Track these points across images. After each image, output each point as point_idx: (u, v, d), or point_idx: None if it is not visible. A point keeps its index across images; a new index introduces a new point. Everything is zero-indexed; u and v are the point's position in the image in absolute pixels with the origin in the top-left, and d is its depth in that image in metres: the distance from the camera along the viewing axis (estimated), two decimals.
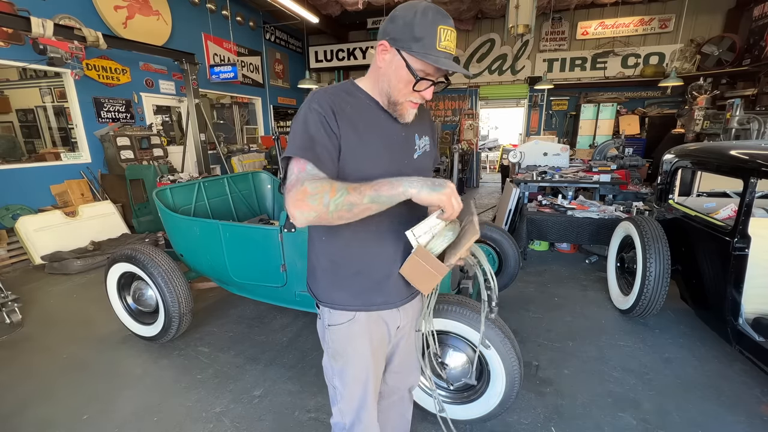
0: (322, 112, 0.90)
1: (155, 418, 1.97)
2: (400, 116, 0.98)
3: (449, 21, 0.89)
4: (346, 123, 0.93)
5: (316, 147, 0.89)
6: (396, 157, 1.02)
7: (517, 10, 5.17)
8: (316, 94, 0.96)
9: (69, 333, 2.81)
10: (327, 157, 0.90)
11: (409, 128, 1.04)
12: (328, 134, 0.90)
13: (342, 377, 1.11)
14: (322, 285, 1.08)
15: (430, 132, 1.15)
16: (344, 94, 0.97)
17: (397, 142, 1.02)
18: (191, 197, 2.95)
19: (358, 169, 0.95)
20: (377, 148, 0.98)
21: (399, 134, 1.02)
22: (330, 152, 0.91)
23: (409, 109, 0.98)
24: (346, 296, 1.05)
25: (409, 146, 1.05)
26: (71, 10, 4.87)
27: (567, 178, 4.46)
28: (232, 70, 7.09)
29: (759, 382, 2.13)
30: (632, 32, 8.60)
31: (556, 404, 2.00)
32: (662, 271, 2.49)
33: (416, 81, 0.91)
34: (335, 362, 1.11)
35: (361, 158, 0.95)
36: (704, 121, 6.35)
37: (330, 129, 0.90)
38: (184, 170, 6.17)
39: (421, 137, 1.09)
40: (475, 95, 10.10)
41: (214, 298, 3.30)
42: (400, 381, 1.31)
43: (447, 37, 0.88)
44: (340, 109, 0.93)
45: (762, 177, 1.92)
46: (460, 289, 2.25)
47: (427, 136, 1.12)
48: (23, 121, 7.71)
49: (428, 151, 1.12)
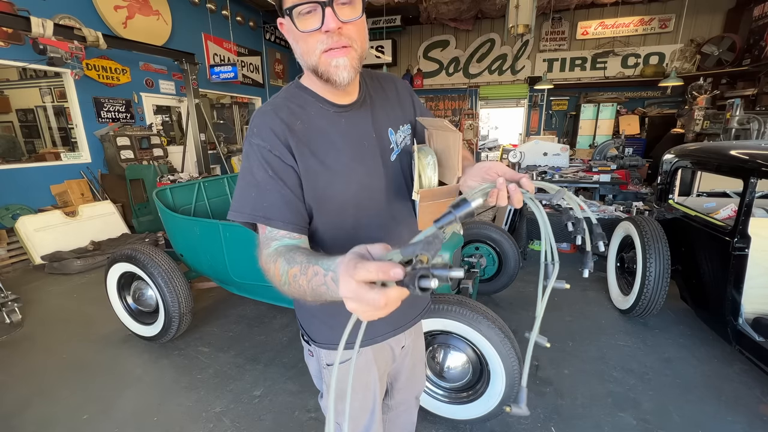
0: (266, 145, 0.75)
1: (155, 418, 1.97)
2: (334, 82, 0.74)
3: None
4: (301, 146, 0.77)
5: (266, 198, 0.74)
6: (370, 166, 0.85)
7: (517, 10, 5.17)
8: (255, 119, 0.79)
9: (69, 333, 2.81)
10: (282, 202, 0.75)
11: (378, 123, 0.86)
12: (279, 172, 0.75)
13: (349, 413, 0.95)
14: (317, 323, 0.92)
15: (404, 112, 0.93)
16: (292, 107, 0.80)
17: (368, 147, 0.84)
18: (191, 197, 2.95)
19: (328, 196, 0.80)
20: (343, 166, 0.81)
21: (368, 136, 0.85)
22: (294, 188, 0.77)
23: (332, 63, 0.72)
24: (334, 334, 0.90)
25: (383, 147, 0.87)
26: (71, 10, 4.87)
27: (567, 178, 4.46)
28: (232, 70, 7.09)
29: (759, 382, 2.13)
30: (632, 32, 8.60)
31: (556, 404, 2.00)
32: (662, 271, 2.49)
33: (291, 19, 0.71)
34: (341, 402, 0.92)
35: (328, 183, 0.79)
36: (704, 121, 6.35)
37: (281, 164, 0.75)
38: (184, 170, 6.17)
39: (397, 129, 0.90)
40: (475, 95, 10.10)
41: (214, 298, 3.30)
42: (408, 393, 1.26)
43: None
44: (290, 131, 0.76)
45: (762, 177, 1.92)
46: (460, 289, 2.26)
47: (405, 123, 0.92)
48: (23, 121, 7.71)
49: (409, 144, 0.93)
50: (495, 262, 3.04)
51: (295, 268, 0.63)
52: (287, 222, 0.75)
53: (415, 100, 0.98)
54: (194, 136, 6.21)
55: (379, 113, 0.88)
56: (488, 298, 3.15)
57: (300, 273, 0.62)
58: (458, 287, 2.26)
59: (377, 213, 0.87)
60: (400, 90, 0.96)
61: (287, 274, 0.64)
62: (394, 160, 0.89)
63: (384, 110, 0.89)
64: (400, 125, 0.91)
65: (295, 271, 0.63)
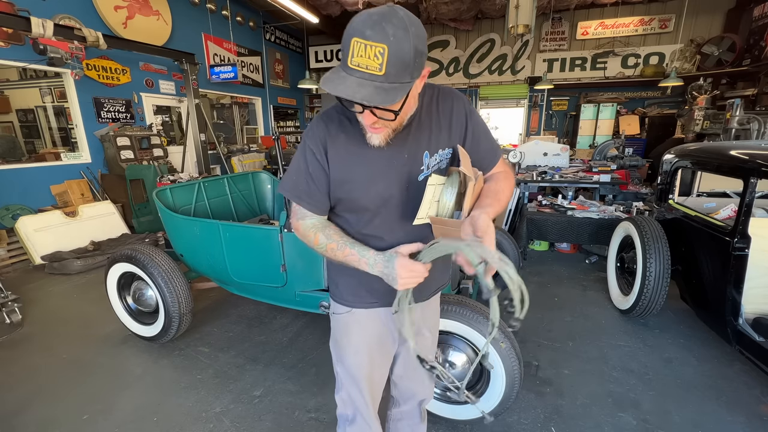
0: (313, 147, 0.94)
1: (155, 418, 1.97)
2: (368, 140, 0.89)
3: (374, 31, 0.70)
4: (336, 154, 0.93)
5: (306, 184, 0.96)
6: (393, 182, 0.95)
7: (517, 10, 5.18)
8: (313, 123, 0.97)
9: (69, 333, 2.81)
10: (316, 190, 0.96)
11: (415, 145, 0.94)
12: (318, 169, 0.95)
13: (342, 364, 1.15)
14: (330, 275, 1.16)
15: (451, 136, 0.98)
16: (342, 119, 0.94)
17: (396, 166, 0.94)
18: (191, 197, 2.95)
19: (350, 198, 0.97)
20: (365, 179, 0.94)
21: (399, 156, 0.94)
22: (320, 185, 0.96)
23: (370, 133, 0.87)
24: (344, 292, 1.11)
25: (413, 167, 0.96)
26: (71, 10, 4.87)
27: (567, 178, 4.47)
28: (232, 70, 7.09)
29: (759, 382, 2.13)
30: (632, 32, 8.60)
31: (556, 404, 2.00)
32: (662, 271, 2.49)
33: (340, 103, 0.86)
34: (336, 348, 1.17)
35: (350, 189, 0.96)
36: (704, 121, 6.35)
37: (319, 164, 0.94)
38: (184, 170, 6.17)
39: (435, 152, 0.96)
40: (475, 95, 10.10)
41: (214, 298, 3.30)
42: (409, 388, 1.29)
43: (360, 52, 0.72)
44: (333, 140, 0.93)
45: (762, 177, 1.92)
46: (460, 289, 2.26)
47: (448, 146, 0.98)
48: (23, 121, 7.71)
49: (444, 168, 1.00)
50: None
51: (333, 244, 0.94)
52: (311, 206, 0.98)
53: (471, 124, 1.00)
54: (194, 136, 6.21)
55: (422, 136, 0.95)
56: None
57: (337, 249, 0.94)
58: (458, 287, 2.26)
59: (391, 221, 1.00)
60: (456, 112, 0.99)
61: (325, 246, 0.95)
62: (421, 179, 0.97)
63: (428, 133, 0.96)
64: (441, 149, 0.98)
65: (333, 246, 0.94)
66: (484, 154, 1.02)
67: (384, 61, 0.71)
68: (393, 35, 0.71)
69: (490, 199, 0.91)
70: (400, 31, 0.71)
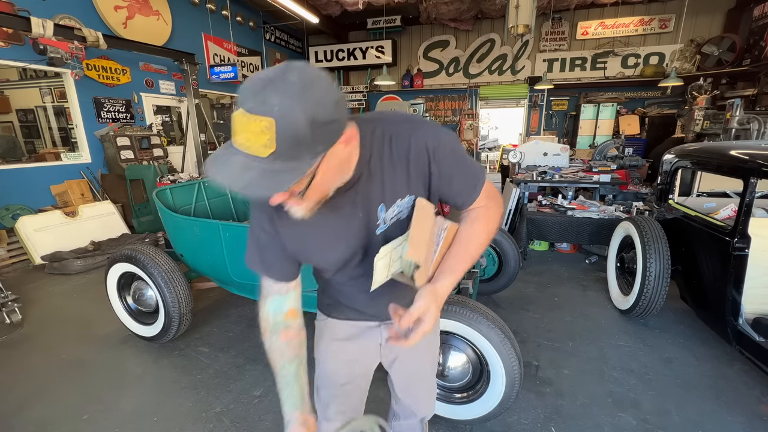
0: (261, 220, 0.87)
1: (155, 418, 1.97)
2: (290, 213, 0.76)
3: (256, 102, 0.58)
4: (284, 226, 0.85)
5: (260, 255, 0.90)
6: (352, 244, 0.88)
7: (517, 10, 5.17)
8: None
9: (69, 333, 2.81)
10: (275, 260, 0.90)
11: (368, 199, 0.83)
12: (269, 241, 0.88)
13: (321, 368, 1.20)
14: (318, 295, 1.21)
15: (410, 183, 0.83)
16: None
17: (352, 227, 0.85)
18: (191, 197, 2.95)
19: (310, 263, 0.96)
20: (319, 246, 0.89)
21: (354, 216, 0.84)
22: (276, 255, 0.89)
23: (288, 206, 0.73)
24: (323, 302, 1.17)
25: (369, 222, 0.86)
26: (71, 10, 4.87)
27: (567, 178, 4.47)
28: (232, 70, 7.09)
29: (759, 382, 2.13)
30: (632, 32, 8.60)
31: (556, 404, 2.00)
32: (662, 271, 2.49)
33: None
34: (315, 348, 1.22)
35: (307, 258, 0.93)
36: (704, 121, 6.35)
37: (268, 236, 0.87)
38: (184, 170, 6.17)
39: (391, 204, 0.84)
40: (475, 95, 10.10)
41: (214, 298, 3.30)
42: (409, 403, 1.24)
43: (243, 128, 0.59)
44: (278, 210, 0.80)
45: (762, 177, 1.92)
46: (460, 289, 2.25)
47: (406, 195, 0.84)
48: (23, 121, 7.72)
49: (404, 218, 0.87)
50: (495, 262, 3.04)
51: (275, 363, 0.99)
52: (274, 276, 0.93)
53: (437, 165, 0.82)
54: (194, 136, 6.21)
55: (372, 188, 0.82)
56: (488, 298, 3.15)
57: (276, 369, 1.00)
58: (458, 287, 2.26)
59: (358, 275, 0.95)
60: (414, 154, 0.81)
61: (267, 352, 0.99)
62: (378, 234, 0.87)
63: (380, 183, 0.82)
64: (399, 198, 0.84)
65: (274, 364, 0.99)
66: (458, 192, 0.87)
67: (272, 137, 0.57)
68: (278, 105, 0.57)
69: (456, 259, 0.83)
70: (288, 99, 0.57)
